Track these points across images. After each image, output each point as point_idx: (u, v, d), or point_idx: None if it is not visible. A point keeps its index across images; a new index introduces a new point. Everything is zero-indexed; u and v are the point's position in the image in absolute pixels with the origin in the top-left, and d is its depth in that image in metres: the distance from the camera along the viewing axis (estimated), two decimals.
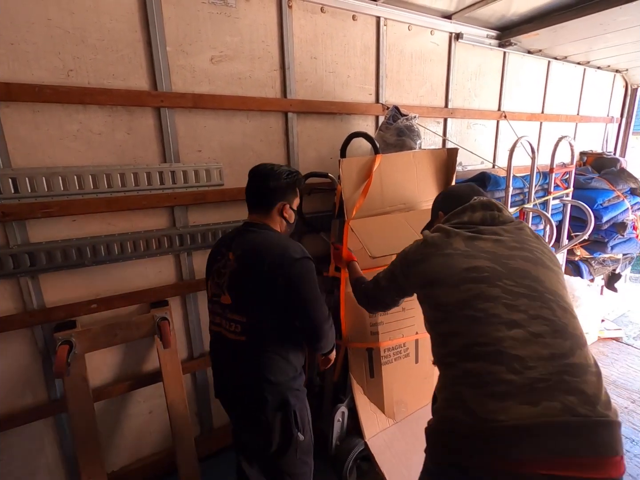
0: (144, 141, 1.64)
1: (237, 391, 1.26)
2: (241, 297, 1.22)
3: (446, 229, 1.02)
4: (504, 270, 0.86)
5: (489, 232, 0.99)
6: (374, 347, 1.80)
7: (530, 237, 1.02)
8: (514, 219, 1.09)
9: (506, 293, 0.82)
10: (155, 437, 1.95)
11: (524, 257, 0.91)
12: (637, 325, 3.50)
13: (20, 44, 1.35)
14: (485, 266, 0.87)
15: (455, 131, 2.72)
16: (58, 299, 1.59)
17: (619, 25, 2.34)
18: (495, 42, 2.69)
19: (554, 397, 0.71)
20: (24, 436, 1.62)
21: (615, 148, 4.04)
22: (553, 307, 0.82)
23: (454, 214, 1.10)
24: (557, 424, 0.70)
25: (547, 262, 0.95)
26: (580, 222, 2.60)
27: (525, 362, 0.74)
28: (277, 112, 1.93)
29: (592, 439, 0.70)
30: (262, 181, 1.28)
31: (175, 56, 1.63)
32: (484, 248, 0.93)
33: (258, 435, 1.25)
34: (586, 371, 0.76)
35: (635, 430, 2.24)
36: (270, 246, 1.20)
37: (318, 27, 1.96)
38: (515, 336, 0.76)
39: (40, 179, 1.43)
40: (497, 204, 1.08)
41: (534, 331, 0.77)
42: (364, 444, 1.79)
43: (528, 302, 0.81)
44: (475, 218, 1.03)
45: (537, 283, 0.85)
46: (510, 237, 0.97)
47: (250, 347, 1.21)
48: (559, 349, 0.76)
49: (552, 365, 0.74)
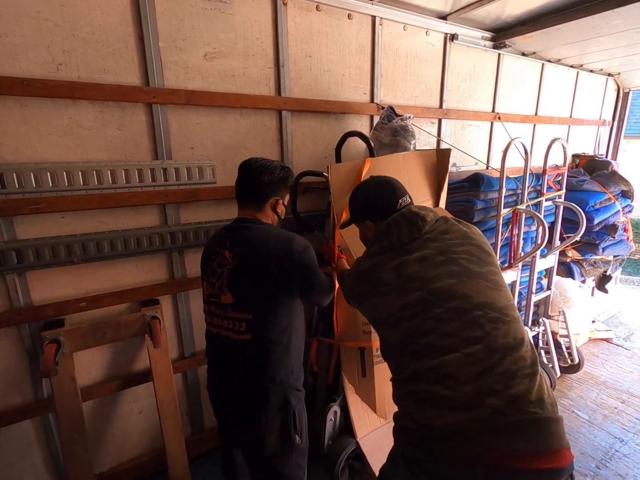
0: (135, 137, 1.62)
1: (239, 391, 1.24)
2: (245, 294, 1.21)
3: (374, 263, 1.07)
4: (433, 298, 0.94)
5: (415, 249, 1.03)
6: (366, 347, 1.80)
7: (454, 240, 1.04)
8: (437, 219, 1.10)
9: (438, 322, 0.92)
10: (145, 438, 1.92)
11: (450, 273, 0.97)
12: (627, 327, 3.55)
13: (8, 36, 1.32)
14: (416, 300, 0.96)
15: (449, 132, 2.73)
16: (46, 297, 1.57)
17: (611, 29, 2.36)
18: (490, 43, 2.70)
19: (483, 405, 0.83)
20: (10, 437, 1.59)
21: (607, 151, 4.08)
22: (482, 323, 0.90)
23: (382, 234, 1.10)
24: (485, 425, 0.82)
25: (472, 267, 0.99)
26: (572, 224, 2.62)
27: (458, 379, 0.86)
28: (271, 110, 1.92)
29: (521, 436, 0.81)
30: (255, 176, 1.26)
31: (168, 52, 1.61)
32: (411, 275, 0.98)
33: (254, 435, 1.24)
34: (514, 376, 0.86)
35: (624, 430, 2.26)
36: (275, 240, 1.21)
37: (313, 25, 1.95)
38: (450, 360, 0.88)
39: (28, 174, 1.40)
40: (419, 212, 1.08)
41: (467, 352, 0.88)
42: (355, 443, 1.78)
43: (459, 325, 0.91)
44: (402, 236, 1.05)
45: (465, 301, 0.93)
46: (435, 249, 1.01)
47: (256, 345, 1.20)
48: (488, 363, 0.87)
49: (482, 378, 0.85)
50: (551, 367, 2.58)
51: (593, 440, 2.18)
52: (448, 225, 1.09)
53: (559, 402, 2.50)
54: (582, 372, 2.80)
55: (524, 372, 0.87)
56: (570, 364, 2.74)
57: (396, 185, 1.19)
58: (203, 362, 1.91)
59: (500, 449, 0.81)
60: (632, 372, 2.84)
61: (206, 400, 1.33)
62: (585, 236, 2.83)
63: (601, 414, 2.40)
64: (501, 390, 0.84)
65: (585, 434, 2.23)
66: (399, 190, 1.17)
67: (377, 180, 1.22)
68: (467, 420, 0.83)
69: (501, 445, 0.81)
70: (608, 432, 2.25)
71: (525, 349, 0.91)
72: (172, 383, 1.79)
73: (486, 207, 2.24)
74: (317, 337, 1.95)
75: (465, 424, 0.83)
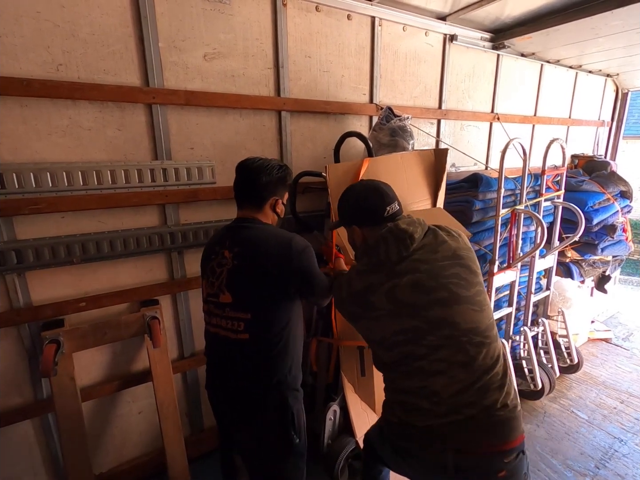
0: (135, 138, 1.62)
1: (237, 392, 1.24)
2: (244, 294, 1.20)
3: (367, 285, 1.08)
4: (425, 326, 1.02)
5: (405, 272, 1.04)
6: (365, 346, 1.80)
7: (444, 262, 1.06)
8: (425, 232, 1.11)
9: (430, 350, 1.01)
10: (144, 438, 1.92)
11: (440, 301, 1.02)
12: (626, 327, 3.55)
13: (8, 37, 1.33)
14: (409, 327, 1.03)
15: (448, 132, 2.73)
16: (46, 297, 1.57)
17: (610, 30, 2.37)
18: (489, 44, 2.71)
19: (459, 412, 0.99)
20: (9, 437, 1.59)
21: (606, 151, 4.09)
22: (467, 349, 1.01)
23: (370, 248, 1.10)
24: (460, 427, 0.99)
25: (461, 292, 1.04)
26: (571, 224, 2.62)
27: (442, 396, 1.00)
28: (270, 111, 1.92)
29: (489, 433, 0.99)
30: (254, 176, 1.25)
31: (168, 52, 1.61)
32: (404, 301, 1.03)
33: (252, 436, 1.24)
34: (488, 389, 1.00)
35: (623, 430, 2.27)
36: (274, 240, 1.21)
37: (313, 26, 1.96)
38: (436, 381, 1.01)
39: (27, 174, 1.40)
40: (407, 229, 1.07)
41: (452, 375, 1.01)
42: (355, 442, 1.78)
43: (447, 352, 1.01)
44: (391, 254, 1.06)
45: (454, 328, 1.01)
46: (426, 273, 1.04)
47: (254, 344, 1.19)
48: (468, 382, 1.00)
49: (462, 394, 1.00)
50: (550, 367, 2.58)
51: (592, 440, 2.19)
52: (438, 241, 1.10)
53: (559, 402, 2.51)
54: (581, 372, 2.80)
55: (496, 385, 1.02)
56: (569, 364, 2.75)
57: (385, 191, 1.17)
58: (202, 362, 1.91)
59: (474, 444, 1.00)
60: (631, 372, 2.84)
61: (206, 400, 1.34)
62: (584, 236, 2.84)
63: (600, 414, 2.40)
64: (476, 402, 0.99)
65: (585, 434, 2.24)
66: (387, 197, 1.15)
67: (366, 185, 1.20)
68: (445, 423, 1.00)
69: (475, 441, 0.99)
70: (607, 432, 2.26)
71: (499, 365, 1.05)
72: (171, 383, 1.79)
73: (485, 207, 2.25)
74: (317, 336, 1.95)
75: (443, 425, 1.00)
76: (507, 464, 0.99)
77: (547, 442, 2.17)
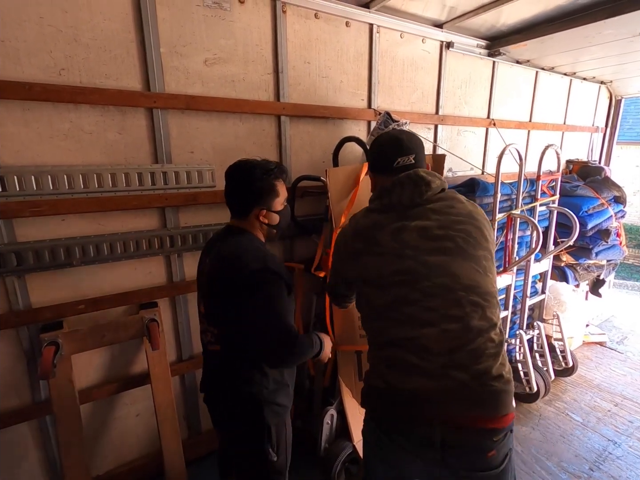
0: (135, 141, 1.63)
1: (211, 399, 1.26)
2: (212, 307, 1.18)
3: (374, 222, 1.07)
4: (424, 270, 0.98)
5: (416, 217, 1.03)
6: (363, 350, 1.82)
7: (458, 217, 1.03)
8: (443, 188, 1.09)
9: (424, 296, 0.97)
10: (142, 441, 1.92)
11: (445, 250, 0.99)
12: (621, 330, 3.59)
13: (11, 41, 1.34)
14: (409, 268, 0.99)
15: (445, 137, 2.77)
16: (45, 299, 1.57)
17: (603, 39, 2.42)
18: (485, 51, 2.75)
19: (451, 377, 0.93)
20: (7, 439, 1.58)
21: (600, 157, 4.14)
22: (463, 304, 0.96)
23: (383, 190, 1.09)
24: (452, 395, 0.93)
25: (468, 248, 1.00)
26: (565, 229, 2.66)
27: (432, 351, 0.95)
28: (270, 115, 1.94)
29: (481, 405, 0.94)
30: (236, 186, 1.19)
31: (169, 57, 1.63)
32: (409, 242, 1.01)
33: (229, 443, 1.25)
34: (482, 354, 0.95)
35: (617, 432, 2.29)
36: (234, 255, 1.12)
37: (312, 33, 1.98)
38: (427, 333, 0.96)
39: (29, 177, 1.41)
40: (425, 177, 1.05)
41: (444, 328, 0.95)
42: (352, 447, 1.79)
43: (442, 301, 0.96)
44: (404, 198, 1.05)
45: (453, 280, 0.97)
46: (436, 222, 1.02)
47: (225, 357, 1.18)
48: (461, 341, 0.95)
49: (454, 354, 0.94)
50: (546, 371, 2.61)
51: (586, 443, 2.21)
52: (456, 200, 1.08)
53: (554, 404, 2.53)
54: (576, 375, 2.83)
55: (491, 351, 0.96)
56: (564, 367, 2.77)
57: (402, 143, 1.13)
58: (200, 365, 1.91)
59: (463, 414, 0.93)
60: (626, 376, 2.87)
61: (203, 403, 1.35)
62: (579, 241, 2.87)
63: (595, 417, 2.43)
64: (469, 365, 0.94)
65: (579, 436, 2.26)
66: (402, 149, 1.12)
67: (389, 135, 1.20)
68: (435, 388, 0.94)
69: (464, 411, 0.93)
70: (601, 434, 2.28)
71: (495, 332, 0.99)
72: (169, 386, 1.79)
73: None
74: None
75: (433, 391, 0.94)
76: (496, 442, 0.95)
77: (542, 445, 2.19)
